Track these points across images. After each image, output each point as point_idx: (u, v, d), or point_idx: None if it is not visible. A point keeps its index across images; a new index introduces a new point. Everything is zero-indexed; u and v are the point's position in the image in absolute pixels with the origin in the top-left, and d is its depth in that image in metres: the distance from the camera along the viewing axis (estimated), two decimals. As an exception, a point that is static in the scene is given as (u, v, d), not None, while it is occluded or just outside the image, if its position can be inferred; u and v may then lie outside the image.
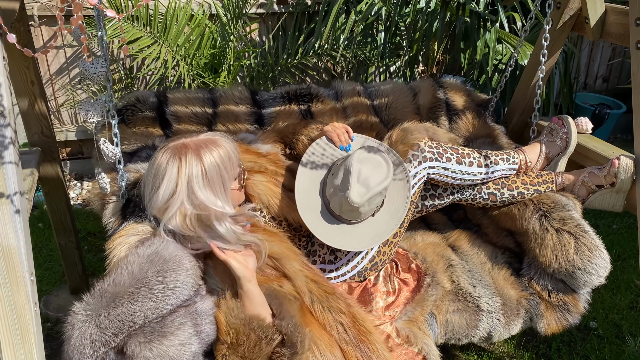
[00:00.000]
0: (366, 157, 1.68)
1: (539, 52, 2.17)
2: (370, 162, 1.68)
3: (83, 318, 1.33)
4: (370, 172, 1.65)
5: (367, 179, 1.64)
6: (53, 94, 3.50)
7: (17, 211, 1.25)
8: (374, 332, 1.55)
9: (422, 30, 3.30)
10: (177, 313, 1.38)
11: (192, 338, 1.36)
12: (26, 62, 1.89)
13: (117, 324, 1.32)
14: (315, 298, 1.54)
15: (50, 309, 2.41)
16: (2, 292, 1.25)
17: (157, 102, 2.11)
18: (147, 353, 1.30)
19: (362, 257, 1.77)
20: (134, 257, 1.45)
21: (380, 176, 1.66)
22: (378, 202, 1.71)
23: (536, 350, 2.27)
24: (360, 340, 1.51)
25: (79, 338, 1.31)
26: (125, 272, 1.40)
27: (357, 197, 1.62)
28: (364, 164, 1.66)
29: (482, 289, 1.82)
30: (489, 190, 1.95)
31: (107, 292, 1.36)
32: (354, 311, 1.56)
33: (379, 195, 1.67)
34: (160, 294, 1.38)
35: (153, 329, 1.33)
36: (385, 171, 1.67)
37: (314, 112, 2.26)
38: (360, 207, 1.65)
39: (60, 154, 3.48)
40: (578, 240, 1.77)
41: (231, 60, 3.21)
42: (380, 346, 1.52)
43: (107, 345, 1.31)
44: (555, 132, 2.08)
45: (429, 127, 1.97)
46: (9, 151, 1.24)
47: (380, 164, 1.68)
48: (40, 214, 3.15)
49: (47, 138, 2.09)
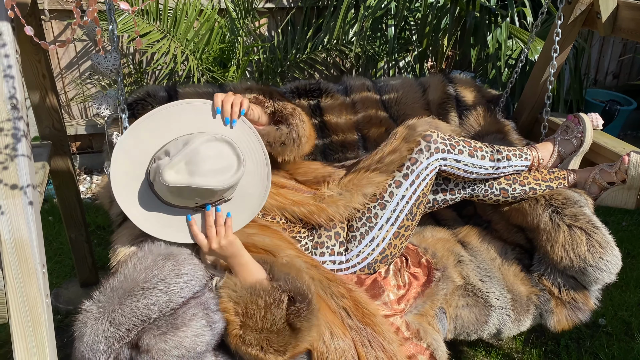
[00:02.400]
0: (219, 145, 1.47)
1: (550, 47, 2.15)
2: (220, 151, 1.46)
3: (95, 315, 1.33)
4: (210, 162, 1.43)
5: (198, 164, 1.42)
6: (63, 88, 3.52)
7: (29, 204, 1.26)
8: (377, 314, 1.56)
9: (431, 25, 3.28)
10: (189, 305, 1.39)
11: (204, 329, 1.37)
12: (37, 56, 1.90)
13: (132, 319, 1.33)
14: (317, 283, 1.55)
15: (61, 301, 2.43)
16: (15, 284, 1.26)
17: (167, 97, 2.11)
18: (163, 345, 1.31)
19: (373, 249, 1.77)
20: (146, 253, 1.46)
21: (217, 176, 1.43)
22: (196, 199, 1.48)
23: (544, 347, 2.26)
24: (365, 322, 1.51)
25: (92, 335, 1.31)
26: (140, 267, 1.41)
27: (171, 177, 1.41)
28: (209, 148, 1.45)
29: (492, 285, 1.81)
30: (500, 185, 1.95)
31: (119, 288, 1.37)
32: (355, 295, 1.56)
33: (202, 191, 1.43)
34: (175, 287, 1.39)
35: (167, 322, 1.34)
36: (228, 173, 1.45)
37: (323, 107, 2.26)
38: (170, 192, 1.45)
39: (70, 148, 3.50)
40: (590, 237, 1.76)
41: (240, 55, 3.21)
42: (385, 327, 1.53)
43: (121, 340, 1.32)
44: (570, 130, 2.07)
45: (431, 121, 1.95)
46: (22, 144, 1.25)
47: (230, 165, 1.47)
48: (50, 207, 3.17)
49: (58, 131, 2.10)
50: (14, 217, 1.24)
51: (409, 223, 1.81)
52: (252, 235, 1.61)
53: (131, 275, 1.39)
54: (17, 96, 1.24)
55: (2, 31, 1.21)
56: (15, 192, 1.24)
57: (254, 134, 1.62)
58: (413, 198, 1.80)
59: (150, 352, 1.30)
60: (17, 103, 1.24)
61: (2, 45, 1.21)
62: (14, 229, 1.25)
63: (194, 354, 1.34)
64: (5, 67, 1.22)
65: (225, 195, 1.51)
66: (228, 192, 1.50)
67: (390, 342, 1.52)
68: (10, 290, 1.26)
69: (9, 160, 1.24)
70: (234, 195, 1.55)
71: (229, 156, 1.47)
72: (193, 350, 1.34)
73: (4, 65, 1.22)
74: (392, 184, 1.79)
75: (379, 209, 1.79)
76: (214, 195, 1.46)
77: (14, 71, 1.23)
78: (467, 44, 3.37)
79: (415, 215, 1.82)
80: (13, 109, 1.23)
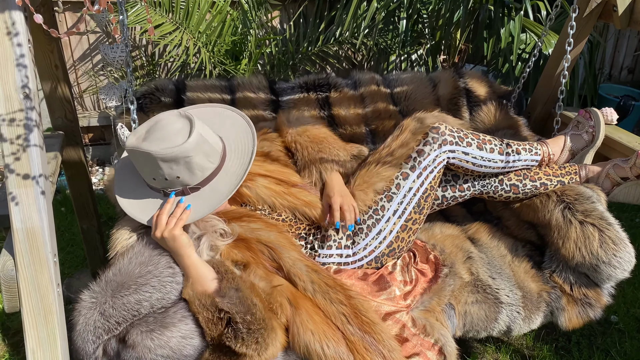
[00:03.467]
0: (182, 121, 1.52)
1: (564, 40, 2.13)
2: (181, 127, 1.49)
3: (88, 305, 1.35)
4: (162, 132, 1.47)
5: (153, 132, 1.48)
6: (76, 80, 3.54)
7: (41, 193, 1.27)
8: (378, 322, 1.53)
9: (444, 18, 3.26)
10: (181, 304, 1.39)
11: (194, 332, 1.36)
12: (50, 46, 1.91)
13: (122, 313, 1.33)
14: (317, 288, 1.54)
15: (72, 291, 2.45)
16: (26, 272, 1.27)
17: (175, 90, 2.12)
18: (148, 342, 1.31)
19: (380, 242, 1.77)
20: (142, 247, 1.46)
21: (160, 144, 1.45)
22: (151, 173, 1.50)
23: (555, 343, 2.25)
24: (365, 331, 1.49)
25: (83, 324, 1.33)
26: (135, 262, 1.41)
27: (129, 140, 1.47)
28: (172, 121, 1.50)
29: (502, 281, 1.80)
30: (510, 181, 1.93)
31: (112, 281, 1.38)
32: (354, 303, 1.54)
33: (145, 155, 1.45)
34: (168, 285, 1.39)
35: (156, 319, 1.34)
36: (170, 144, 1.45)
37: (332, 101, 2.25)
38: (131, 160, 1.52)
39: (83, 139, 3.52)
40: (602, 233, 1.74)
41: (252, 47, 3.21)
42: (386, 336, 1.50)
43: (109, 332, 1.33)
44: (581, 125, 2.05)
45: (437, 115, 1.94)
46: (34, 134, 1.26)
47: (180, 139, 1.47)
48: (63, 198, 3.20)
49: (71, 122, 2.11)
50: (25, 206, 1.26)
51: (416, 216, 1.80)
52: (256, 230, 1.61)
53: (126, 269, 1.39)
54: (30, 85, 1.25)
55: (15, 20, 1.22)
56: (27, 182, 1.25)
57: (253, 140, 1.64)
58: (420, 190, 1.79)
59: (136, 348, 1.30)
60: (30, 92, 1.25)
61: (15, 34, 1.22)
62: (25, 218, 1.26)
63: (180, 356, 1.33)
64: (18, 56, 1.22)
65: (186, 181, 1.51)
66: (179, 170, 1.48)
67: (391, 350, 1.49)
68: (22, 278, 1.27)
69: (22, 150, 1.25)
70: (204, 188, 1.54)
71: (184, 132, 1.48)
72: (179, 352, 1.33)
73: (17, 55, 1.22)
74: (400, 176, 1.78)
75: (386, 201, 1.78)
76: (157, 164, 1.45)
77: (27, 60, 1.24)
78: (480, 37, 3.35)
79: (423, 208, 1.81)
80: (25, 98, 1.24)
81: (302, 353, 1.45)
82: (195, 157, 1.47)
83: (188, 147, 1.45)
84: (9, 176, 1.25)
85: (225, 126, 1.67)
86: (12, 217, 1.25)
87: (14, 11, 1.22)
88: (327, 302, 1.52)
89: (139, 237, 1.51)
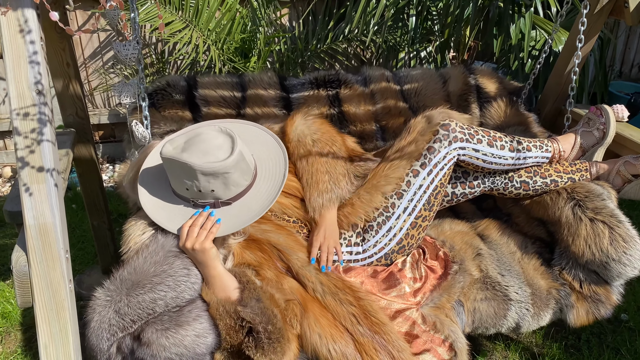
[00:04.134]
0: (224, 137, 1.52)
1: (575, 37, 2.12)
2: (222, 143, 1.50)
3: (103, 303, 1.36)
4: (203, 145, 1.47)
5: (193, 144, 1.48)
6: (87, 77, 3.56)
7: (53, 190, 1.28)
8: (387, 322, 1.54)
9: (454, 15, 3.24)
10: (196, 304, 1.40)
11: (207, 331, 1.38)
12: (62, 44, 1.93)
13: (137, 311, 1.34)
14: (326, 290, 1.55)
15: (83, 288, 2.46)
16: (39, 268, 1.28)
17: (187, 87, 2.13)
18: (163, 341, 1.32)
19: (390, 239, 1.77)
20: (157, 247, 1.47)
21: (201, 158, 1.45)
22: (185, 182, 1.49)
23: (565, 341, 2.24)
24: (375, 331, 1.51)
25: (98, 322, 1.34)
26: (150, 261, 1.42)
27: (166, 149, 1.47)
28: (213, 136, 1.50)
29: (511, 278, 1.80)
30: (521, 178, 1.92)
31: (128, 280, 1.39)
32: (363, 304, 1.55)
33: (184, 166, 1.45)
34: (182, 285, 1.40)
35: (170, 318, 1.36)
36: (212, 159, 1.46)
37: (342, 97, 2.25)
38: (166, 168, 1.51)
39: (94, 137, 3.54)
40: (613, 231, 1.73)
41: (261, 45, 3.21)
42: (395, 336, 1.51)
43: (124, 330, 1.34)
44: (592, 122, 2.04)
45: (443, 111, 1.93)
46: (46, 129, 1.27)
47: (222, 155, 1.47)
48: (74, 195, 3.22)
49: (82, 119, 2.12)
50: (38, 203, 1.27)
51: (426, 213, 1.80)
52: (267, 232, 1.63)
53: (141, 268, 1.40)
54: (43, 82, 1.26)
55: (28, 18, 1.23)
56: (39, 178, 1.27)
57: (284, 163, 1.63)
58: (431, 188, 1.79)
59: (150, 346, 1.31)
60: (43, 89, 1.26)
61: (28, 31, 1.23)
62: (38, 215, 1.27)
63: (193, 354, 1.34)
64: (31, 53, 1.24)
65: (219, 195, 1.51)
66: (215, 184, 1.48)
67: (401, 350, 1.50)
68: (35, 274, 1.28)
69: (35, 143, 1.26)
70: (235, 204, 1.55)
71: (226, 148, 1.49)
72: (192, 350, 1.34)
73: (30, 52, 1.24)
74: (410, 173, 1.78)
75: (396, 199, 1.78)
76: (196, 176, 1.45)
77: (40, 58, 1.25)
78: (490, 34, 3.33)
79: (433, 205, 1.81)
80: (38, 94, 1.25)
81: (310, 355, 1.46)
82: (234, 174, 1.48)
83: (229, 163, 1.45)
84: (22, 169, 1.26)
85: (255, 144, 1.68)
86: (24, 214, 1.27)
87: (26, 9, 1.23)
88: (336, 304, 1.53)
89: (153, 234, 1.52)
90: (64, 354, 1.30)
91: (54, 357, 1.29)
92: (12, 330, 2.25)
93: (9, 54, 1.24)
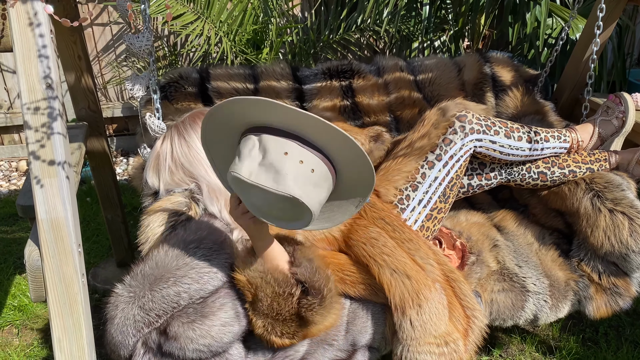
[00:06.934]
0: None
1: (593, 24, 2.07)
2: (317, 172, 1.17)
3: (126, 299, 1.35)
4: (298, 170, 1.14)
5: (282, 168, 1.13)
6: (100, 70, 3.57)
7: (65, 184, 1.28)
8: (456, 271, 1.61)
9: (468, 4, 3.20)
10: (219, 294, 1.39)
11: (232, 319, 1.37)
12: (73, 37, 1.92)
13: (162, 305, 1.34)
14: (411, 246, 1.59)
15: (98, 281, 2.48)
16: (51, 262, 1.28)
17: (199, 79, 2.12)
18: (190, 333, 1.32)
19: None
20: (178, 240, 1.46)
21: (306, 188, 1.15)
22: (268, 209, 1.23)
23: (582, 334, 2.21)
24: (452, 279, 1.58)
25: (122, 318, 1.33)
26: (171, 254, 1.41)
27: (244, 170, 1.14)
28: (306, 163, 1.15)
29: (529, 270, 1.77)
30: (538, 169, 1.89)
31: (150, 275, 1.38)
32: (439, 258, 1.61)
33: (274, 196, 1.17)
34: (205, 276, 1.39)
35: (195, 310, 1.35)
36: (322, 191, 1.18)
37: (355, 88, 2.23)
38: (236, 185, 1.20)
39: (107, 130, 3.55)
40: (632, 222, 1.70)
41: (273, 36, 3.19)
42: (466, 290, 1.59)
43: (150, 325, 1.33)
44: (611, 110, 1.99)
45: (459, 102, 1.89)
46: (57, 123, 1.26)
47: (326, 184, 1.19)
48: (88, 188, 3.24)
49: (94, 113, 2.12)
50: (50, 197, 1.27)
51: (441, 205, 1.77)
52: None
53: (163, 262, 1.40)
54: (52, 76, 1.25)
55: (37, 11, 1.22)
56: (51, 172, 1.26)
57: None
58: (446, 180, 1.76)
59: (178, 339, 1.31)
60: (52, 83, 1.25)
61: (37, 25, 1.22)
62: (50, 209, 1.27)
63: (221, 343, 1.34)
64: (40, 46, 1.23)
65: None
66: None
67: (473, 308, 1.56)
68: (47, 269, 1.28)
69: (46, 137, 1.26)
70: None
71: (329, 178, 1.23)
72: (220, 340, 1.34)
73: (39, 45, 1.23)
74: (425, 165, 1.76)
75: (411, 191, 1.76)
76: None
77: (49, 51, 1.24)
78: (505, 22, 3.28)
79: (449, 197, 1.79)
80: (48, 88, 1.25)
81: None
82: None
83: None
84: (33, 163, 1.26)
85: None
86: (37, 208, 1.26)
87: (36, 2, 1.22)
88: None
89: (171, 226, 1.51)
90: (77, 348, 1.30)
91: (68, 351, 1.30)
92: (28, 323, 2.27)
93: (19, 47, 1.23)
